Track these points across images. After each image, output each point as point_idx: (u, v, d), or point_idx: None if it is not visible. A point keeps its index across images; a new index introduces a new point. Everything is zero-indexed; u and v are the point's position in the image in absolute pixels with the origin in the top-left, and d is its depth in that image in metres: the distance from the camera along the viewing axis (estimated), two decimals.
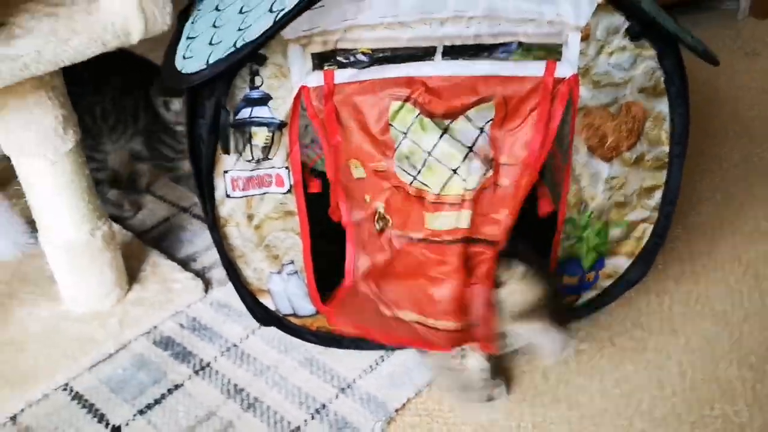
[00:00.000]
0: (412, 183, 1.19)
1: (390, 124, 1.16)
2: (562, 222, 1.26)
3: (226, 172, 1.20)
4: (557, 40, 1.10)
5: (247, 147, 1.18)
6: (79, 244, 1.44)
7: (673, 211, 1.28)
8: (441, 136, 1.15)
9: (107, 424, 1.32)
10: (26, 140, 1.33)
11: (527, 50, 1.11)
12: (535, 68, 1.12)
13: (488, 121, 1.15)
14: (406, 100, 1.14)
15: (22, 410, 1.35)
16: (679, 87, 1.16)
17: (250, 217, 1.26)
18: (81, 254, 1.46)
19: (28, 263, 1.63)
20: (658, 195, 1.27)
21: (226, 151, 1.17)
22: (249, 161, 1.20)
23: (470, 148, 1.16)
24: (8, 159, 1.39)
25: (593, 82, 1.14)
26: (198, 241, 1.74)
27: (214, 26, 1.18)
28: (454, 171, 1.17)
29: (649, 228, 1.30)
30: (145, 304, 1.54)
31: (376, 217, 1.24)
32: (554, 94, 1.13)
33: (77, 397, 1.37)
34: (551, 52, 1.11)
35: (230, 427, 1.30)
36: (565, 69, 1.12)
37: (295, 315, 1.37)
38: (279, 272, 1.32)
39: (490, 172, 1.17)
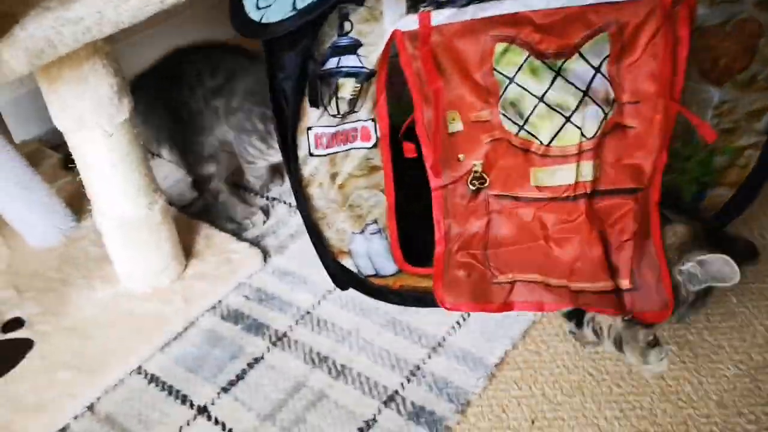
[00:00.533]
0: (518, 133, 1.12)
1: (494, 69, 1.08)
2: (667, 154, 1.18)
3: (309, 128, 1.14)
4: None
5: (333, 100, 1.11)
6: (137, 219, 1.37)
7: None
8: (553, 79, 1.07)
9: (191, 405, 1.26)
10: (82, 111, 1.24)
11: None
12: None
13: (605, 58, 1.06)
14: (512, 41, 1.06)
15: (99, 398, 1.28)
16: None
17: (333, 176, 1.20)
18: (139, 229, 1.38)
19: (74, 246, 1.54)
20: (766, 118, 1.18)
21: (315, 105, 1.11)
22: (334, 116, 1.13)
23: (585, 92, 1.08)
24: (39, 140, 1.29)
25: (710, 0, 1.07)
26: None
27: None
28: (568, 119, 1.09)
29: (755, 154, 1.21)
30: (207, 278, 1.47)
31: (470, 178, 1.17)
32: (674, 15, 1.03)
33: (154, 379, 1.31)
34: None
35: (323, 396, 1.25)
36: None
37: (376, 275, 1.32)
38: (362, 232, 1.26)
39: (610, 115, 1.09)
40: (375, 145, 1.17)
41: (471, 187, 1.17)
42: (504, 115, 1.11)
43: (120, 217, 1.36)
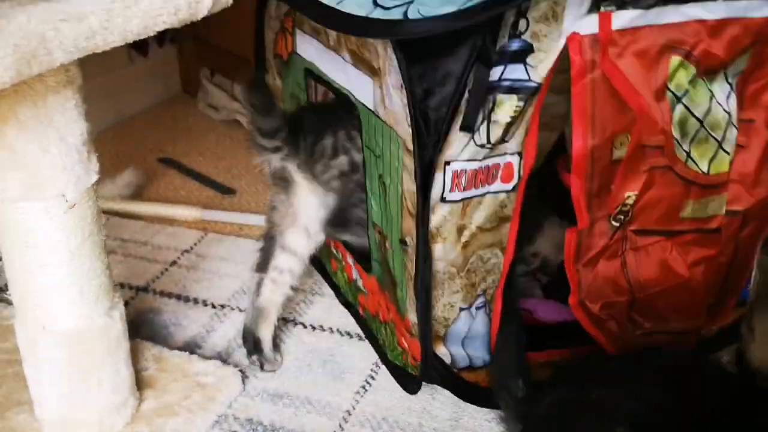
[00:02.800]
0: (686, 161, 0.94)
1: (667, 87, 0.90)
2: None
3: (447, 163, 0.85)
4: None
5: (484, 124, 0.85)
6: (92, 330, 0.96)
7: None
8: (710, 99, 0.93)
9: None
10: (38, 169, 0.84)
11: None
12: None
13: (738, 74, 0.95)
14: (688, 55, 0.90)
15: None
16: None
17: (460, 230, 0.92)
18: (92, 346, 0.97)
19: None
20: None
21: (470, 129, 0.83)
22: (482, 146, 0.87)
23: (728, 112, 0.95)
24: None
25: None
26: (187, 322, 1.28)
27: None
28: (720, 143, 0.95)
29: None
30: (175, 413, 1.06)
31: (616, 213, 0.95)
32: None
33: None
34: None
35: None
36: None
37: (470, 367, 1.03)
38: (470, 306, 0.97)
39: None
40: (515, 188, 0.92)
41: (615, 223, 0.95)
42: (676, 140, 0.93)
43: (67, 330, 0.94)
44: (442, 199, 0.89)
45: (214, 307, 1.31)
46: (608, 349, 1.03)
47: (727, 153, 0.97)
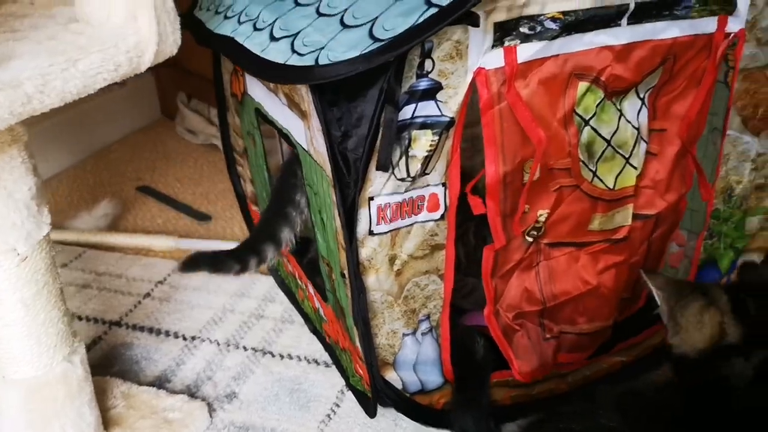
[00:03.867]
0: (592, 180, 0.98)
1: (574, 111, 0.93)
2: (709, 215, 1.11)
3: (371, 198, 0.88)
4: None
5: (403, 159, 0.87)
6: (52, 378, 0.98)
7: None
8: (619, 119, 0.96)
9: None
10: None
11: (704, 3, 0.94)
12: (708, 24, 0.96)
13: (649, 89, 0.98)
14: (595, 80, 0.92)
15: None
16: None
17: (392, 260, 0.95)
18: (54, 393, 0.99)
19: None
20: None
21: (385, 168, 0.86)
22: (402, 180, 0.89)
23: (637, 128, 0.99)
24: None
25: (757, 38, 1.02)
26: (158, 355, 1.30)
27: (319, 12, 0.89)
28: (627, 159, 0.99)
29: None
30: None
31: (529, 229, 0.99)
32: (720, 52, 0.98)
33: None
34: (726, 4, 0.96)
35: None
36: (734, 23, 0.97)
37: (422, 391, 1.05)
38: (414, 332, 1.00)
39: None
40: (443, 216, 0.94)
41: (529, 238, 1.00)
42: (582, 161, 0.97)
43: (26, 379, 0.97)
44: (370, 233, 0.92)
45: (185, 339, 1.33)
46: (514, 370, 1.06)
47: (634, 167, 1.00)
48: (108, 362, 1.27)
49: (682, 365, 0.93)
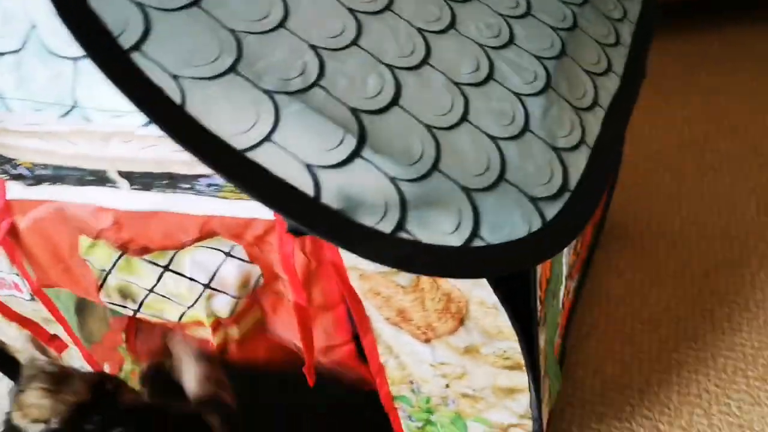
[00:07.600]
0: (135, 315, 0.95)
1: (85, 260, 0.90)
2: (389, 397, 0.96)
3: None
4: None
5: None
6: None
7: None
8: (163, 272, 0.89)
9: None
10: None
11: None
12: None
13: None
14: (97, 236, 0.86)
15: None
16: None
17: None
18: None
19: None
20: (524, 401, 0.91)
21: None
22: None
23: (207, 285, 0.87)
24: None
25: None
26: None
27: None
28: (189, 307, 0.91)
29: None
30: None
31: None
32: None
33: None
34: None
35: None
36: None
37: None
38: None
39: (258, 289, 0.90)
40: None
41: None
42: (110, 303, 0.94)
43: None
44: None
45: None
46: None
47: (208, 316, 0.90)
48: None
49: None
